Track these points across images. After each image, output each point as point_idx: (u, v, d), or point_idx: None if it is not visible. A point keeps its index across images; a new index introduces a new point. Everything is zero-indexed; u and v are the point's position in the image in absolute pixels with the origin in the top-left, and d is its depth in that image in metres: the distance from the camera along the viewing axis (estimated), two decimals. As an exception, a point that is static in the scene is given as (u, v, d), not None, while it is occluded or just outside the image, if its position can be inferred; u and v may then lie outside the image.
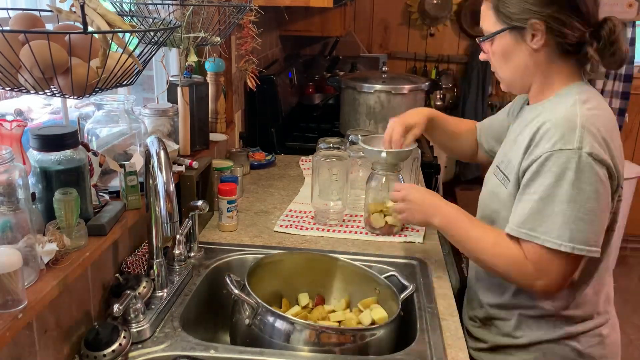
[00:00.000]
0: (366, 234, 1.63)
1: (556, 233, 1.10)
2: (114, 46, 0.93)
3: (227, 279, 1.18)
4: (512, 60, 1.22)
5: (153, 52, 1.03)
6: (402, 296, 1.27)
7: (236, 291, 1.16)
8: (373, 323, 1.26)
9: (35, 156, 1.05)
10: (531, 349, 1.27)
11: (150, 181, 1.18)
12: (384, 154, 1.54)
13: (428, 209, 1.32)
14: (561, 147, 1.09)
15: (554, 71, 1.21)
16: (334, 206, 1.69)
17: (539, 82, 1.23)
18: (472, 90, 3.95)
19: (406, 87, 2.45)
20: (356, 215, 1.77)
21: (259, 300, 1.15)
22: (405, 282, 1.33)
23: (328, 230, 1.66)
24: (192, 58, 1.50)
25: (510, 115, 1.46)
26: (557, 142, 1.10)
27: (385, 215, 1.61)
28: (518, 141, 1.22)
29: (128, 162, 1.23)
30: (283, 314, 1.14)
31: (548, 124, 1.13)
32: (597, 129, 1.11)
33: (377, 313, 1.28)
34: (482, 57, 1.30)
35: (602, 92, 3.93)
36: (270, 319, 1.14)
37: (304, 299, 1.40)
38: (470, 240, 1.24)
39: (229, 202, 1.60)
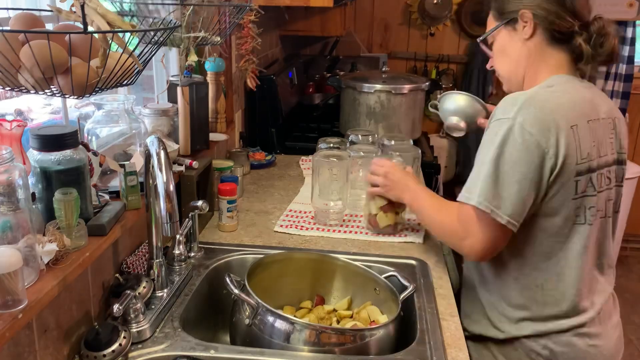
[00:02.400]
0: (366, 233, 1.63)
1: (477, 192, 1.18)
2: (114, 46, 0.93)
3: (227, 279, 1.18)
4: (508, 54, 1.33)
5: (153, 52, 1.03)
6: (402, 296, 1.27)
7: (236, 291, 1.16)
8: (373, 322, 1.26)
9: (35, 156, 1.05)
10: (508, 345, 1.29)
11: (150, 181, 1.18)
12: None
13: (403, 187, 1.49)
14: (499, 117, 1.18)
15: (543, 60, 1.28)
16: (334, 206, 1.69)
17: (529, 74, 1.31)
18: (472, 90, 3.94)
19: (406, 87, 2.45)
20: (356, 215, 1.77)
21: (259, 300, 1.15)
22: (405, 282, 1.33)
23: (328, 230, 1.66)
24: (192, 58, 1.50)
25: None
26: (498, 114, 1.19)
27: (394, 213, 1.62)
28: None
29: (128, 162, 1.23)
30: (283, 314, 1.14)
31: (500, 102, 1.22)
32: (541, 108, 1.17)
33: (374, 314, 1.28)
34: (489, 65, 1.41)
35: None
36: (270, 319, 1.14)
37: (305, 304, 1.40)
38: (424, 209, 1.41)
39: (229, 202, 1.60)
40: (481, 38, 1.38)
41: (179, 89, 1.60)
